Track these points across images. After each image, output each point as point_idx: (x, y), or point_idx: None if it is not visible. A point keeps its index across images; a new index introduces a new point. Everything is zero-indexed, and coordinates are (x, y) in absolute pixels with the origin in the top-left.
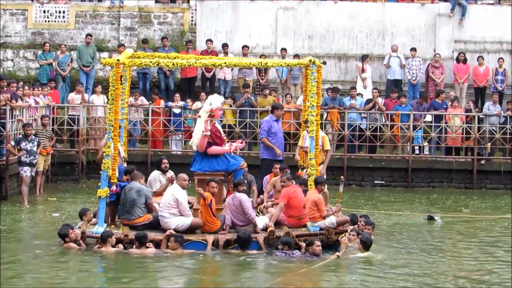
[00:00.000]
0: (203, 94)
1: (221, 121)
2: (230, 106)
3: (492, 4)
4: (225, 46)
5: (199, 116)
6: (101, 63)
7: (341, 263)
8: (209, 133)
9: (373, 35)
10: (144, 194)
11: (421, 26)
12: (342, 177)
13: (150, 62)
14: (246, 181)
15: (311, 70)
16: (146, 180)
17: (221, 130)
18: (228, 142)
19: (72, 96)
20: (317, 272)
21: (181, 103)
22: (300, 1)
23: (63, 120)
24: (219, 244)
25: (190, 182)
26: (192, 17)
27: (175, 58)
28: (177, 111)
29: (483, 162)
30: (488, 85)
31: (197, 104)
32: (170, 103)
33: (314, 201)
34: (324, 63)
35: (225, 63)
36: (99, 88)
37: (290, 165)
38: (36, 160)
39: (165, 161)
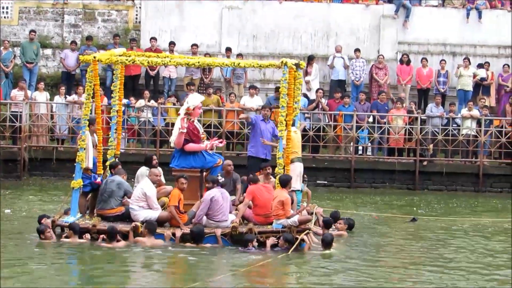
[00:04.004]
0: (146, 92)
1: (165, 119)
2: (174, 104)
3: (436, 6)
4: (171, 44)
5: (179, 114)
6: (80, 60)
7: (300, 259)
8: (185, 130)
9: (317, 36)
10: (124, 188)
11: (365, 27)
12: (305, 176)
13: (126, 60)
14: (226, 180)
15: (283, 71)
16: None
17: (199, 128)
18: (207, 139)
19: (15, 92)
20: (274, 266)
21: (124, 100)
22: (245, 1)
23: (5, 117)
24: (176, 236)
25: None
26: (136, 15)
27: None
28: None
29: (425, 163)
30: (431, 86)
31: (141, 102)
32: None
33: (281, 201)
34: (297, 65)
35: (198, 62)
36: (42, 85)
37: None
38: None
39: (154, 157)
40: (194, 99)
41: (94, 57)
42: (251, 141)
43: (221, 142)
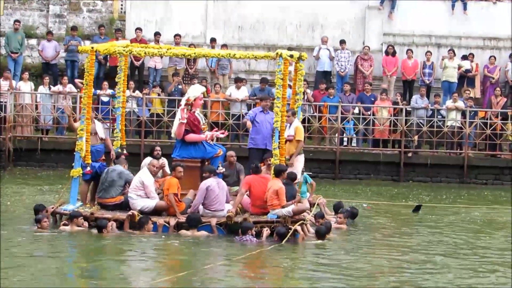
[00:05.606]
0: (131, 82)
1: (149, 110)
2: (158, 95)
3: None
4: (157, 34)
5: (180, 105)
6: (78, 51)
7: (293, 249)
8: (185, 121)
9: (303, 27)
10: (124, 177)
11: (351, 18)
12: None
13: (124, 50)
14: (229, 170)
15: (277, 63)
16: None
17: (201, 119)
18: (208, 130)
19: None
20: (263, 257)
21: (109, 91)
22: None
23: None
24: (170, 224)
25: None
26: (121, 5)
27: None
28: (105, 99)
29: (410, 154)
30: (416, 78)
31: (126, 92)
32: (98, 91)
33: (275, 191)
34: (291, 56)
35: (194, 53)
36: (26, 75)
37: None
38: None
39: (157, 148)
40: (194, 90)
41: (92, 48)
42: (251, 133)
43: (222, 133)
